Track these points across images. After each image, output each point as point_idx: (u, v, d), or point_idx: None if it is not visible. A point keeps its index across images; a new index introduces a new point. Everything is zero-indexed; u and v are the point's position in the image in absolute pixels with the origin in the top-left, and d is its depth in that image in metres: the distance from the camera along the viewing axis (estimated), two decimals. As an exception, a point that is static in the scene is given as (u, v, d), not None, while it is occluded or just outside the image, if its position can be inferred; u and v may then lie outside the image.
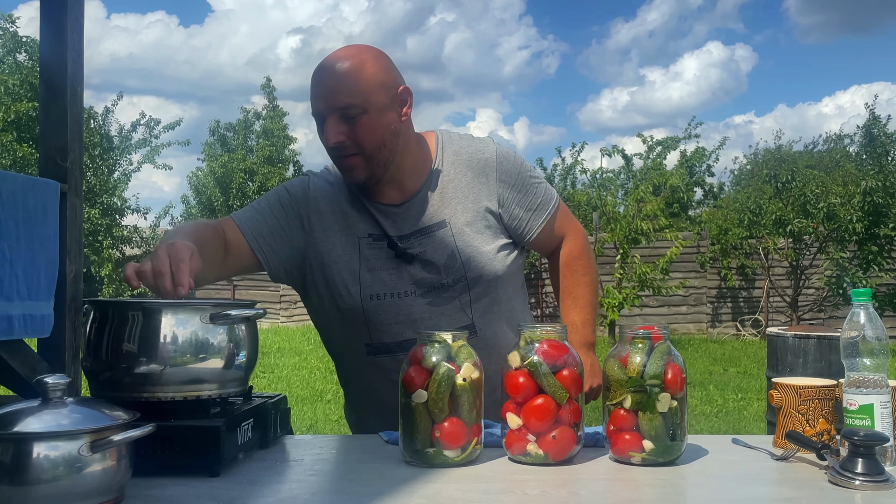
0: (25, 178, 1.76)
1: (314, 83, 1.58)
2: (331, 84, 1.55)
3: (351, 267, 1.63)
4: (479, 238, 1.64)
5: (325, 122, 1.57)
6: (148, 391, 1.24)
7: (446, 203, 1.65)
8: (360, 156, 1.57)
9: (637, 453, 1.29)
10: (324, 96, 1.55)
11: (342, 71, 1.55)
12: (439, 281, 1.62)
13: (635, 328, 1.34)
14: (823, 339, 4.07)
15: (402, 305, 1.62)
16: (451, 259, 1.62)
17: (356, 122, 1.54)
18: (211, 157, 19.95)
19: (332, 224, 1.66)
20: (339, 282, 1.64)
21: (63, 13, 1.97)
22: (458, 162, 1.69)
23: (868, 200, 11.88)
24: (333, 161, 1.64)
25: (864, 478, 1.16)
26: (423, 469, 1.27)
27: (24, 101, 13.67)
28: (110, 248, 14.30)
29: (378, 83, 1.56)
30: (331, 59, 1.58)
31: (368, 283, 1.62)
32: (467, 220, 1.64)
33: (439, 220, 1.64)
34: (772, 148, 15.76)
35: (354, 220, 1.66)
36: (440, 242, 1.62)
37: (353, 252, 1.64)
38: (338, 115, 1.54)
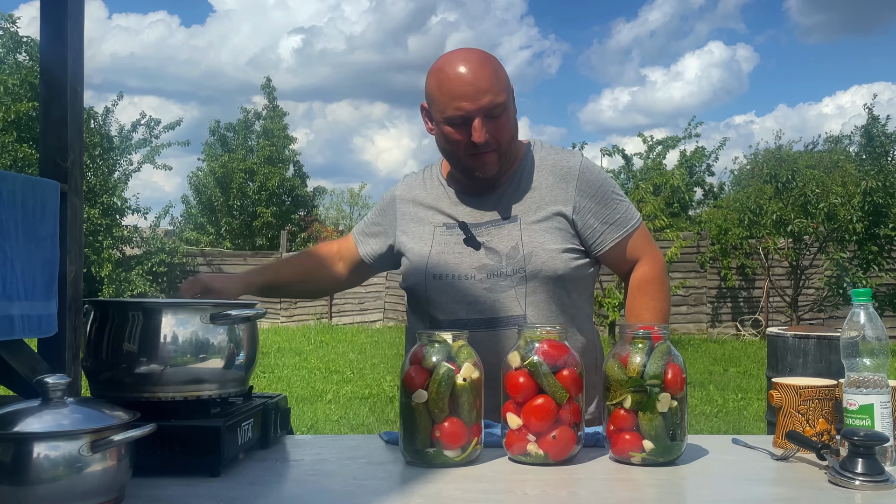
0: (25, 178, 1.76)
1: (457, 84, 1.62)
2: (480, 84, 1.61)
3: (422, 251, 1.78)
4: (545, 236, 1.71)
5: (469, 122, 1.63)
6: (148, 391, 1.24)
7: (521, 201, 1.75)
8: (496, 152, 1.68)
9: (637, 453, 1.29)
10: (472, 97, 1.61)
11: (487, 72, 1.63)
12: (499, 269, 1.70)
13: (635, 328, 1.34)
14: (823, 339, 4.07)
15: (461, 287, 1.72)
16: (513, 250, 1.70)
17: (498, 119, 1.64)
18: (211, 157, 19.94)
19: (413, 215, 1.83)
20: (409, 263, 1.80)
21: (63, 13, 1.96)
22: (542, 167, 1.78)
23: (868, 200, 11.87)
24: (468, 160, 1.69)
25: (864, 478, 1.16)
26: (423, 469, 1.27)
27: (24, 101, 13.67)
28: (110, 248, 14.29)
29: (508, 83, 1.68)
30: (466, 61, 1.64)
31: (434, 264, 1.75)
32: (537, 219, 1.73)
33: (512, 215, 1.74)
34: (772, 148, 15.74)
35: (433, 211, 1.81)
36: (507, 234, 1.72)
37: (426, 238, 1.79)
38: (485, 114, 1.62)
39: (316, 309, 15.20)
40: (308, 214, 21.81)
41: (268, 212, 19.30)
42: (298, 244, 19.51)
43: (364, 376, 8.62)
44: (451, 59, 1.66)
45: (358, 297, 15.11)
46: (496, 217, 1.74)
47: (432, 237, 1.78)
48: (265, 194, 19.38)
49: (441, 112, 1.66)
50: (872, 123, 15.72)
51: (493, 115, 1.63)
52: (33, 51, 14.71)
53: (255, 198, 19.39)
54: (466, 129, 1.63)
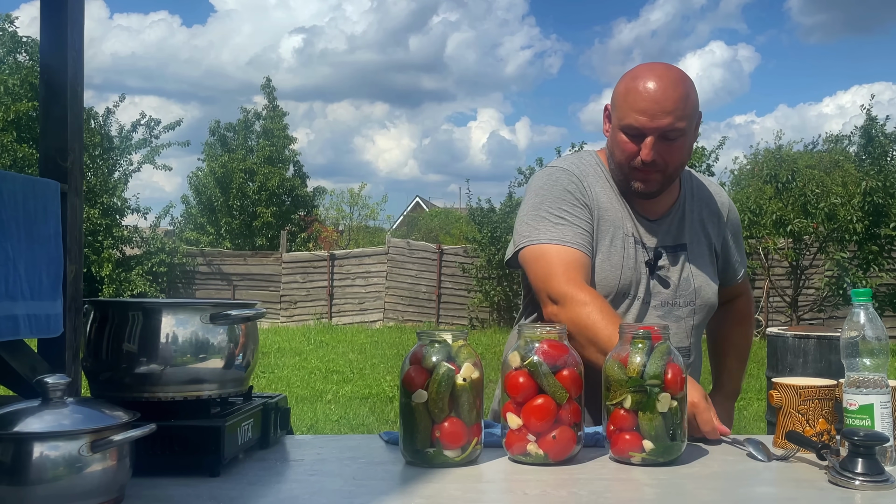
0: (26, 178, 1.76)
1: (644, 98, 1.58)
2: (664, 104, 1.57)
3: (614, 259, 1.67)
4: (708, 269, 1.77)
5: (643, 137, 1.59)
6: (148, 391, 1.24)
7: (686, 229, 1.76)
8: (662, 174, 1.64)
9: (637, 453, 1.29)
10: (653, 114, 1.57)
11: (676, 94, 1.58)
12: (672, 299, 1.72)
13: (635, 328, 1.34)
14: (823, 339, 4.07)
15: (638, 309, 1.69)
16: (685, 282, 1.72)
17: (673, 143, 1.61)
18: (211, 158, 19.94)
19: (606, 215, 1.70)
20: (603, 270, 1.66)
21: (63, 13, 1.97)
22: (698, 197, 1.81)
23: (868, 200, 11.87)
24: (631, 172, 1.64)
25: (864, 478, 1.16)
26: (423, 469, 1.27)
27: (24, 101, 13.67)
28: (110, 248, 14.30)
29: (695, 110, 1.64)
30: (662, 77, 1.60)
31: (627, 281, 1.67)
32: (701, 252, 1.77)
33: (681, 243, 1.75)
34: (772, 148, 15.74)
35: (621, 216, 1.71)
36: (679, 263, 1.73)
37: (619, 247, 1.69)
38: (660, 134, 1.59)
39: (316, 309, 15.20)
40: (308, 214, 21.81)
41: (268, 212, 19.29)
42: (298, 244, 19.52)
43: (364, 376, 8.63)
44: (647, 70, 1.62)
45: (358, 297, 15.12)
46: (669, 243, 1.74)
47: (623, 248, 1.69)
48: (265, 194, 19.38)
49: (620, 119, 1.62)
50: (871, 124, 15.70)
51: (668, 137, 1.59)
52: (33, 51, 14.71)
53: (255, 198, 19.39)
54: (639, 142, 1.60)
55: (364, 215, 28.31)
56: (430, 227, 26.01)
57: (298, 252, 16.94)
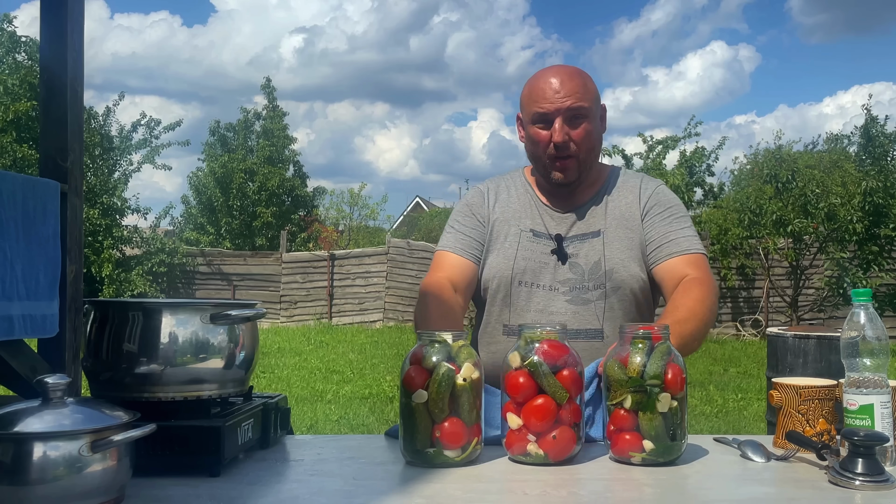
0: (25, 178, 1.76)
1: (544, 87, 1.75)
2: (564, 89, 1.73)
3: (507, 254, 1.83)
4: (626, 253, 1.79)
5: (550, 122, 1.74)
6: (148, 391, 1.24)
7: (603, 218, 1.83)
8: (575, 158, 1.76)
9: (637, 453, 1.29)
10: (556, 98, 1.73)
11: (574, 81, 1.75)
12: (582, 283, 1.78)
13: (635, 328, 1.34)
14: (823, 339, 4.07)
15: (544, 297, 1.79)
16: (596, 266, 1.78)
17: (580, 125, 1.74)
18: (211, 158, 19.93)
19: (503, 218, 1.88)
20: (496, 263, 1.84)
21: (63, 13, 1.97)
22: (623, 188, 1.88)
23: (868, 201, 11.88)
24: (547, 160, 1.78)
25: (864, 478, 1.16)
26: (423, 469, 1.27)
27: (24, 101, 13.67)
28: (110, 248, 14.29)
29: (596, 95, 1.80)
30: (556, 69, 1.78)
31: (521, 270, 1.80)
32: (619, 237, 1.81)
33: (595, 230, 1.82)
34: (772, 148, 15.72)
35: (521, 216, 1.87)
36: (591, 249, 1.80)
37: (513, 242, 1.84)
38: (566, 116, 1.73)
39: (316, 309, 15.20)
40: (308, 214, 21.80)
41: (268, 212, 19.29)
42: (298, 244, 19.51)
43: (364, 376, 8.62)
44: (544, 69, 1.81)
45: (358, 297, 15.12)
46: (581, 231, 1.82)
47: (518, 241, 1.83)
48: (265, 194, 19.38)
49: (529, 115, 1.78)
50: (871, 124, 15.70)
51: (574, 117, 1.73)
52: (32, 51, 14.71)
53: (255, 198, 19.39)
54: (549, 128, 1.74)
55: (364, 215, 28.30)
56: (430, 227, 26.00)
57: (298, 252, 16.94)
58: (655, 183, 1.89)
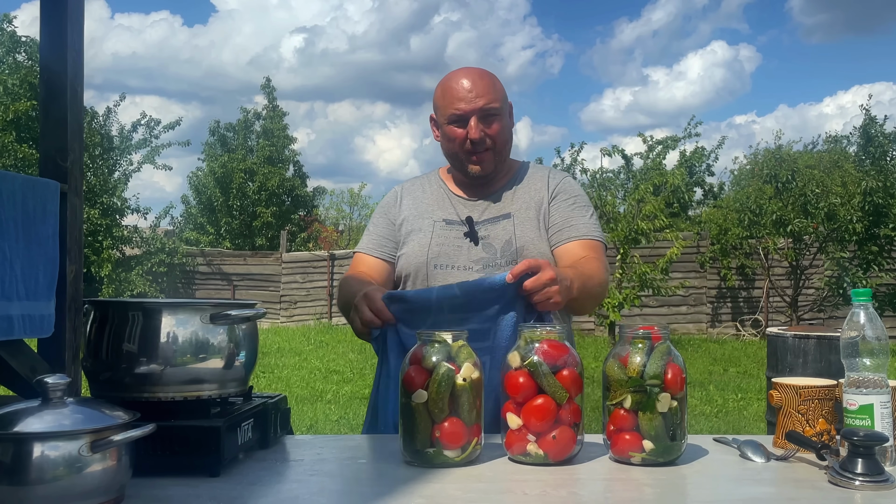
0: (25, 178, 1.76)
1: (457, 88, 1.85)
2: (477, 89, 1.85)
3: (420, 245, 1.91)
4: (535, 233, 1.89)
5: (466, 121, 1.84)
6: (148, 391, 1.24)
7: (515, 201, 1.93)
8: (492, 151, 1.87)
9: (637, 453, 1.29)
10: (470, 98, 1.84)
11: (484, 81, 1.86)
12: (494, 261, 1.85)
13: (635, 328, 1.34)
14: (823, 339, 4.07)
15: (460, 276, 1.83)
16: (507, 244, 1.86)
17: (492, 122, 1.85)
18: (211, 158, 19.94)
19: (414, 214, 1.97)
20: (411, 252, 1.92)
21: (63, 13, 1.97)
22: (532, 178, 1.99)
23: (868, 200, 11.88)
24: (465, 156, 1.88)
25: (864, 478, 1.16)
26: (423, 469, 1.27)
27: (24, 101, 13.67)
28: (110, 248, 14.29)
29: (504, 94, 1.91)
30: (467, 71, 1.89)
31: (435, 255, 1.89)
32: (528, 217, 1.90)
33: (506, 213, 1.92)
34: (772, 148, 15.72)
35: (433, 209, 1.96)
36: (502, 229, 1.89)
37: (426, 233, 1.92)
38: (481, 114, 1.84)
39: (316, 309, 15.20)
40: (308, 214, 21.81)
41: (268, 212, 19.30)
42: (298, 244, 19.52)
43: (364, 376, 8.62)
44: (454, 72, 1.91)
45: (358, 297, 15.10)
46: (493, 215, 1.91)
47: (432, 230, 1.92)
48: (265, 194, 19.38)
49: (444, 115, 1.88)
50: (870, 124, 15.70)
51: (488, 115, 1.84)
52: (32, 50, 14.71)
53: (255, 198, 19.39)
54: (464, 126, 1.85)
55: (364, 215, 28.28)
56: (429, 227, 25.92)
57: (298, 252, 16.95)
58: (562, 175, 2.01)
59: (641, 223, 11.45)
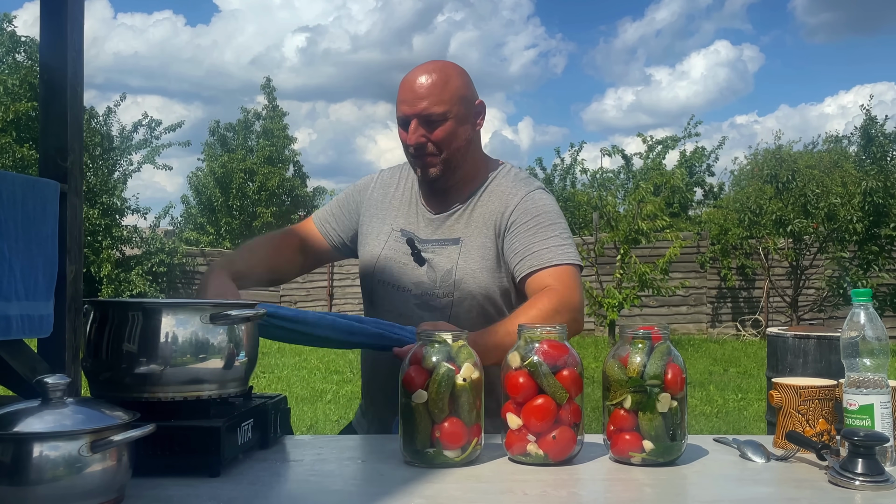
0: (25, 178, 1.76)
1: (404, 90, 1.75)
2: (420, 92, 1.72)
3: (374, 251, 1.84)
4: (480, 263, 1.75)
5: (408, 125, 1.75)
6: (148, 391, 1.24)
7: (469, 224, 1.79)
8: (437, 157, 1.75)
9: (637, 453, 1.29)
10: (411, 101, 1.73)
11: (431, 82, 1.73)
12: (433, 289, 1.76)
13: (635, 328, 1.34)
14: (823, 340, 4.07)
15: (398, 298, 1.79)
16: (447, 274, 1.75)
17: (437, 127, 1.73)
18: (211, 158, 19.95)
19: (377, 212, 1.90)
20: (363, 260, 1.88)
21: (63, 13, 1.96)
22: (495, 193, 1.82)
23: (868, 201, 11.88)
24: (411, 159, 1.80)
25: (864, 478, 1.16)
26: (423, 469, 1.27)
27: (24, 101, 13.67)
28: (110, 248, 14.29)
29: (460, 95, 1.76)
30: (421, 69, 1.76)
31: (381, 268, 1.82)
32: (477, 245, 1.76)
33: (454, 238, 1.79)
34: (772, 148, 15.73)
35: (396, 214, 1.87)
36: (447, 256, 1.77)
37: (381, 239, 1.85)
38: (422, 119, 1.72)
39: (316, 309, 15.19)
40: (308, 214, 21.79)
41: (267, 212, 19.30)
42: (298, 244, 19.48)
43: (364, 376, 8.61)
44: (414, 68, 1.79)
45: (357, 297, 15.05)
46: (443, 236, 1.80)
47: (386, 240, 1.84)
48: (265, 194, 19.38)
49: (396, 115, 1.79)
50: (870, 124, 15.70)
51: (429, 120, 1.72)
52: (32, 50, 14.71)
53: (255, 198, 19.40)
54: (407, 130, 1.76)
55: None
56: (429, 227, 26.00)
57: (298, 252, 16.93)
58: (526, 190, 1.79)
59: (641, 223, 11.46)
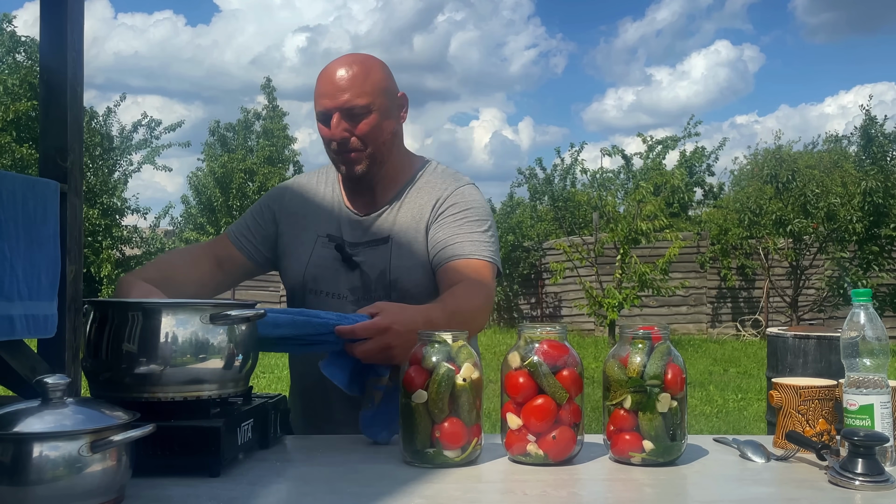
0: (25, 179, 1.76)
1: (323, 83, 1.69)
2: (341, 84, 1.66)
3: (301, 259, 1.77)
4: (412, 261, 1.71)
5: (330, 119, 1.68)
6: (148, 391, 1.24)
7: (398, 222, 1.75)
8: (363, 152, 1.69)
9: (637, 453, 1.29)
10: (332, 94, 1.66)
11: (351, 73, 1.67)
12: (368, 293, 1.72)
13: (635, 328, 1.34)
14: (823, 340, 4.07)
15: (335, 305, 1.71)
16: (381, 275, 1.71)
17: (361, 120, 1.67)
18: (211, 158, 19.94)
19: (298, 220, 1.82)
20: (289, 271, 1.80)
21: (63, 13, 1.96)
22: (423, 189, 1.78)
23: (868, 201, 11.89)
24: (334, 155, 1.73)
25: (864, 478, 1.16)
26: (423, 469, 1.27)
27: (24, 101, 13.67)
28: (110, 248, 14.29)
29: (382, 88, 1.71)
30: (339, 62, 1.70)
31: (311, 277, 1.75)
32: (408, 241, 1.72)
33: (385, 236, 1.74)
34: (772, 148, 15.74)
35: (319, 219, 1.80)
36: (379, 257, 1.73)
37: (307, 247, 1.78)
38: (344, 113, 1.66)
39: (316, 309, 15.19)
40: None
41: (268, 212, 19.26)
42: (298, 244, 19.48)
43: (364, 376, 8.61)
44: (332, 61, 1.72)
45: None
46: (373, 237, 1.74)
47: (312, 247, 1.77)
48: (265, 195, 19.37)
49: (316, 111, 1.71)
50: (870, 124, 15.70)
51: (352, 113, 1.66)
52: (32, 50, 14.71)
53: (255, 198, 19.34)
54: (328, 125, 1.69)
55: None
56: (429, 228, 26.00)
57: (298, 252, 16.92)
58: (455, 185, 1.76)
59: (641, 223, 11.46)
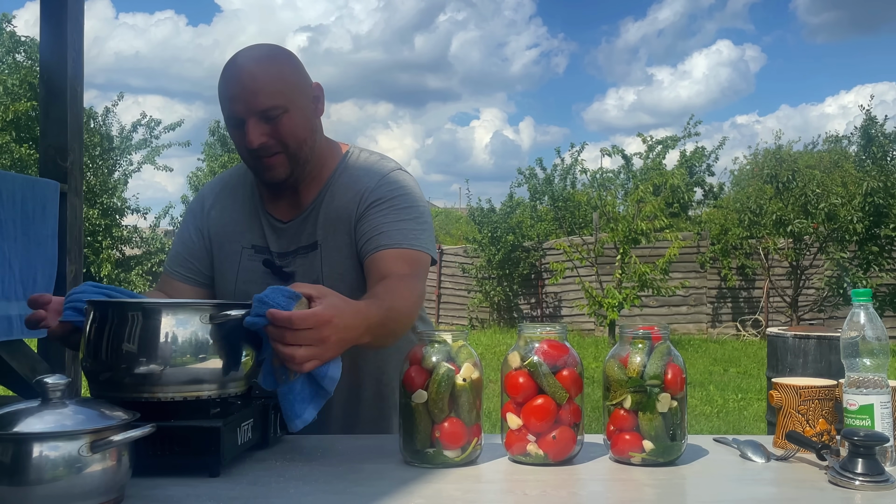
0: (25, 179, 1.76)
1: (229, 85, 1.53)
2: (250, 85, 1.51)
3: (228, 276, 1.67)
4: (345, 264, 1.61)
5: (244, 125, 1.52)
6: (148, 391, 1.24)
7: (324, 224, 1.63)
8: (284, 154, 1.56)
9: (637, 453, 1.29)
10: (243, 98, 1.51)
11: (260, 72, 1.52)
12: None
13: (635, 328, 1.34)
14: (823, 340, 4.07)
15: None
16: (315, 283, 1.57)
17: (278, 121, 1.52)
18: (211, 158, 19.94)
19: (221, 231, 1.70)
20: (220, 287, 1.69)
21: (63, 13, 1.97)
22: (347, 184, 1.64)
23: (869, 201, 11.89)
24: (252, 162, 1.59)
25: (864, 478, 1.16)
26: (423, 469, 1.27)
27: (24, 101, 13.67)
28: (110, 248, 14.29)
29: (295, 82, 1.56)
30: (245, 58, 1.54)
31: (242, 293, 1.62)
32: (337, 245, 1.62)
33: (312, 242, 1.63)
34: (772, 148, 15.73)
35: (243, 229, 1.68)
36: (310, 265, 1.63)
37: (233, 262, 1.67)
38: (259, 116, 1.51)
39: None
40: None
41: (268, 212, 19.27)
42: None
43: (364, 376, 8.61)
44: (233, 57, 1.55)
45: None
46: (301, 244, 1.64)
47: (239, 262, 1.67)
48: (265, 194, 19.36)
49: (224, 114, 1.57)
50: (870, 124, 15.70)
51: (269, 116, 1.51)
52: (32, 50, 14.71)
53: (255, 198, 19.36)
54: (243, 131, 1.53)
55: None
56: (430, 228, 25.99)
57: (298, 252, 16.92)
58: (382, 173, 1.64)
59: (641, 223, 11.46)
